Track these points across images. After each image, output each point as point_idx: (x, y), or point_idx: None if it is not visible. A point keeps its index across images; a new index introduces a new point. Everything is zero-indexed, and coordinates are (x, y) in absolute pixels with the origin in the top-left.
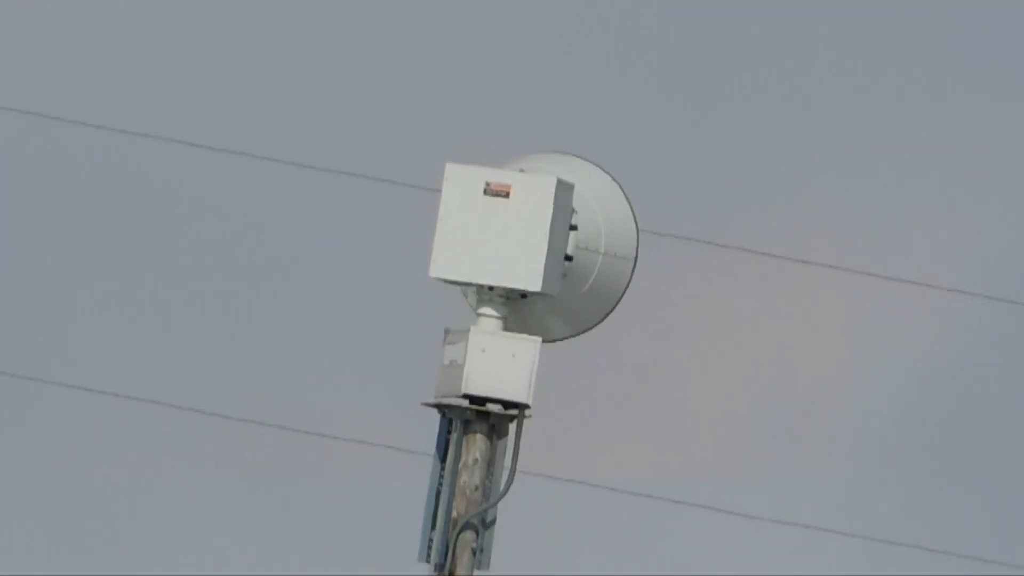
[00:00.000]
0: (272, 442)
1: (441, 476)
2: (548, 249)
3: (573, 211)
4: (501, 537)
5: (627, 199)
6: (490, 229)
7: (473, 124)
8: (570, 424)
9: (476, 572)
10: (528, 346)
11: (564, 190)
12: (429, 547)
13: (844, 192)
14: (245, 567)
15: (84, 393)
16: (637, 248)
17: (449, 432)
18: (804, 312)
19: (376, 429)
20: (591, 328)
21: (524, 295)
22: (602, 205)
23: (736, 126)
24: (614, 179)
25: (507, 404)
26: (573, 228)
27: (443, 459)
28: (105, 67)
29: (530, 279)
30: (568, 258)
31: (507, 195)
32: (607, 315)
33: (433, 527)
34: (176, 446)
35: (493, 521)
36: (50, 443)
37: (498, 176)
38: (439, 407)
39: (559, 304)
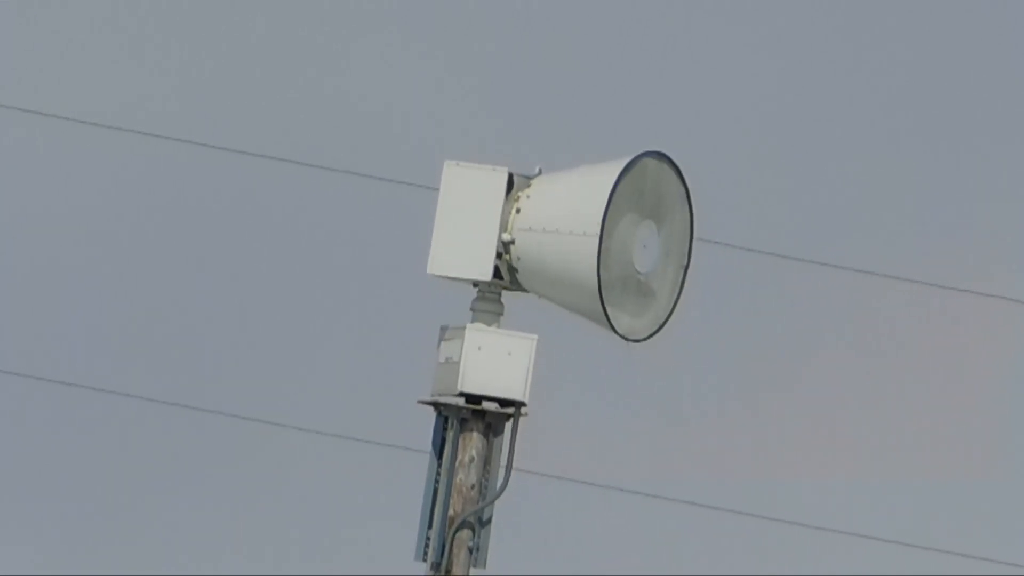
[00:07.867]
0: (266, 439)
1: (438, 474)
2: (437, 232)
3: (525, 196)
4: (498, 536)
5: (617, 179)
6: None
7: (499, 124)
8: (568, 422)
9: (473, 571)
10: (524, 344)
11: (468, 175)
12: (426, 546)
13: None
14: (241, 566)
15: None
16: (603, 224)
17: (445, 430)
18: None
19: (372, 427)
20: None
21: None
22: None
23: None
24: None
25: (503, 402)
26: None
27: (439, 457)
28: (107, 65)
29: (429, 264)
30: (509, 241)
31: None
32: (598, 299)
33: (430, 526)
34: (175, 444)
35: (490, 520)
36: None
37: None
38: (435, 405)
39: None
